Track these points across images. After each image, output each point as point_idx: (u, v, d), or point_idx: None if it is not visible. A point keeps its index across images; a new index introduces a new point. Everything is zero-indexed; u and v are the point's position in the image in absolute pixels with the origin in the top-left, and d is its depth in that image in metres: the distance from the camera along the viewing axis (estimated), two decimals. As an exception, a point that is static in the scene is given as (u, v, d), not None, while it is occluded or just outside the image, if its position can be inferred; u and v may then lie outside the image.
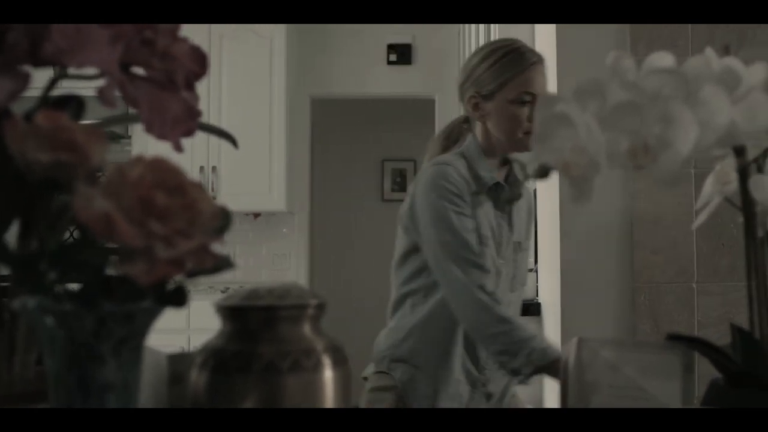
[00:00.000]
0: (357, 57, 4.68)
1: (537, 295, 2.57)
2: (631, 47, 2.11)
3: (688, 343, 0.92)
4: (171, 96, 0.60)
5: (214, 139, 4.44)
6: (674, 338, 0.94)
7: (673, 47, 2.17)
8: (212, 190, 4.42)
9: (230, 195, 4.45)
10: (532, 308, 2.44)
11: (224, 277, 4.67)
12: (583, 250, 2.14)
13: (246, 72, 4.39)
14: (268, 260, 4.67)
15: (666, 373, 0.98)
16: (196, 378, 0.65)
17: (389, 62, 4.63)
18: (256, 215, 4.64)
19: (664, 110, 0.71)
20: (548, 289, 2.34)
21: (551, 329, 2.27)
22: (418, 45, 4.65)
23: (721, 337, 2.20)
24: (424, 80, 4.63)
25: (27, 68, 0.55)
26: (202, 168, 4.44)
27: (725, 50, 0.83)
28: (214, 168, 4.43)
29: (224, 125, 4.41)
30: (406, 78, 4.63)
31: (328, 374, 0.68)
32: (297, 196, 4.66)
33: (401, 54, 4.61)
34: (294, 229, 4.69)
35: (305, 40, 4.69)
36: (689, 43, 2.12)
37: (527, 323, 2.28)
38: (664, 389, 0.97)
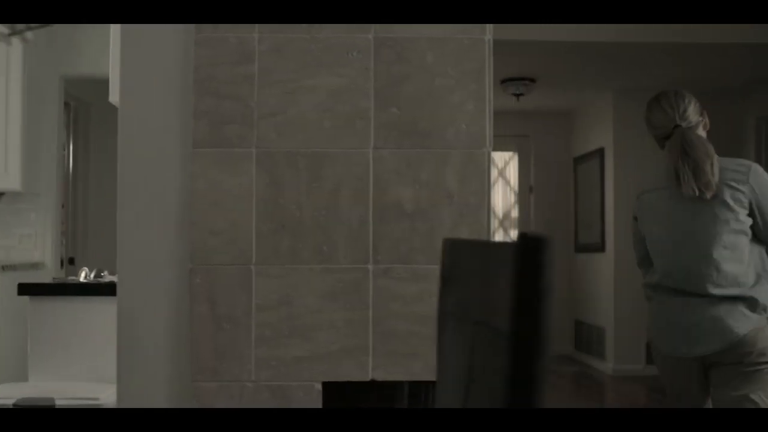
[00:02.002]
0: (109, 35, 4.52)
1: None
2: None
3: None
4: None
5: (-48, 117, 4.24)
6: None
7: (240, 44, 2.13)
8: (-53, 167, 4.22)
9: (-33, 173, 4.27)
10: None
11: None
12: (141, 230, 2.10)
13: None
14: (15, 240, 4.52)
15: None
16: None
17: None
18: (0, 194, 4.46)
19: None
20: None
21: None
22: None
23: (280, 321, 2.18)
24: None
25: None
26: (-61, 144, 4.24)
27: None
28: (-49, 145, 4.24)
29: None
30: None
31: None
32: (43, 177, 4.51)
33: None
34: (41, 210, 4.55)
35: (51, 14, 4.51)
36: (256, 44, 2.09)
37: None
38: None
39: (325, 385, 2.08)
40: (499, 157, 6.80)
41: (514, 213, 6.91)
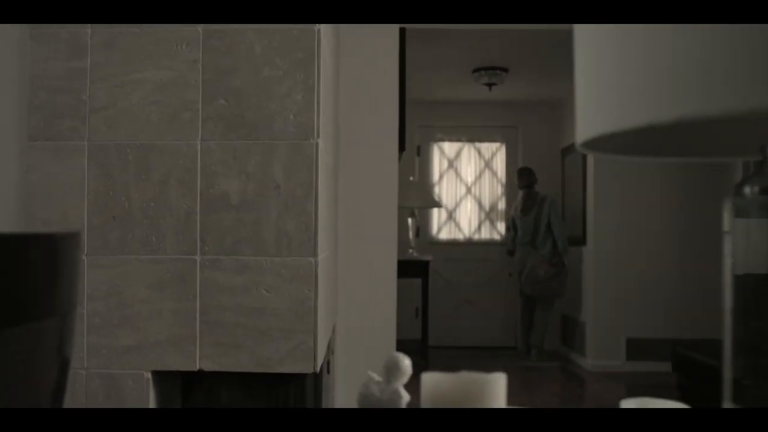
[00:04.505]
0: None
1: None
2: None
3: None
4: None
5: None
6: None
7: (73, 39, 2.17)
8: None
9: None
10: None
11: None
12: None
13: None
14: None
15: None
16: None
17: None
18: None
19: None
20: None
21: None
22: None
23: (110, 310, 2.19)
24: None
25: None
26: None
27: None
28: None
29: None
30: None
31: None
32: None
33: None
34: None
35: None
36: (88, 38, 2.12)
37: None
38: None
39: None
40: (486, 148, 6.68)
41: (501, 205, 6.80)
